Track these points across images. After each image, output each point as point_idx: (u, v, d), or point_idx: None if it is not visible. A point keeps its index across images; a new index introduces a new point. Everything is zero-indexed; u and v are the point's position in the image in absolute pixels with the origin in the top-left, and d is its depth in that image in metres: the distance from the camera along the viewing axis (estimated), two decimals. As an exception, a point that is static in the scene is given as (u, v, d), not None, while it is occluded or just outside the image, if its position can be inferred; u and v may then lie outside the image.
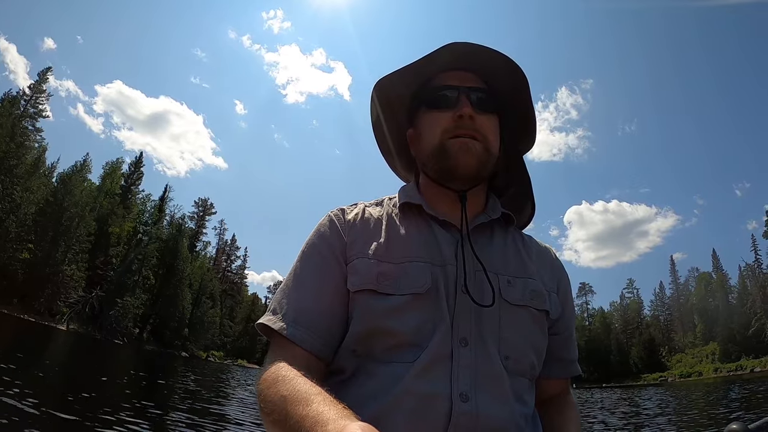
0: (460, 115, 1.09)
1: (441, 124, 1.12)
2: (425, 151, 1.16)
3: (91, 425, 6.51)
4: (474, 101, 1.12)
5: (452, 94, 1.13)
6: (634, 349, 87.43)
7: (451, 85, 1.14)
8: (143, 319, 59.73)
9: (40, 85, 53.35)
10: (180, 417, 8.88)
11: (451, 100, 1.13)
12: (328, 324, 1.04)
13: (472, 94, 1.13)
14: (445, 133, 1.11)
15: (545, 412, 1.16)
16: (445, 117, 1.12)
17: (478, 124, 1.10)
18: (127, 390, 11.99)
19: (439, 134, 1.12)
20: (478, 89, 1.15)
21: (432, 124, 1.14)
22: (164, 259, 63.85)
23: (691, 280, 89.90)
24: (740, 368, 65.41)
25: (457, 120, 1.10)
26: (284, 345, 1.02)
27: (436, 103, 1.15)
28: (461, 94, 1.12)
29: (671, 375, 76.64)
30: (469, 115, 1.09)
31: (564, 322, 1.21)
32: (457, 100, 1.12)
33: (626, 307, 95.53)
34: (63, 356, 20.05)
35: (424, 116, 1.17)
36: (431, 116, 1.15)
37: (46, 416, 6.47)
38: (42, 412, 6.57)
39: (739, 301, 75.32)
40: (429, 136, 1.15)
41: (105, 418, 7.17)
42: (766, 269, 74.86)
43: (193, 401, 12.53)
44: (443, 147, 1.11)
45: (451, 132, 1.10)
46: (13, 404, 6.68)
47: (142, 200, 67.82)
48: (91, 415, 7.16)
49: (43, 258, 45.96)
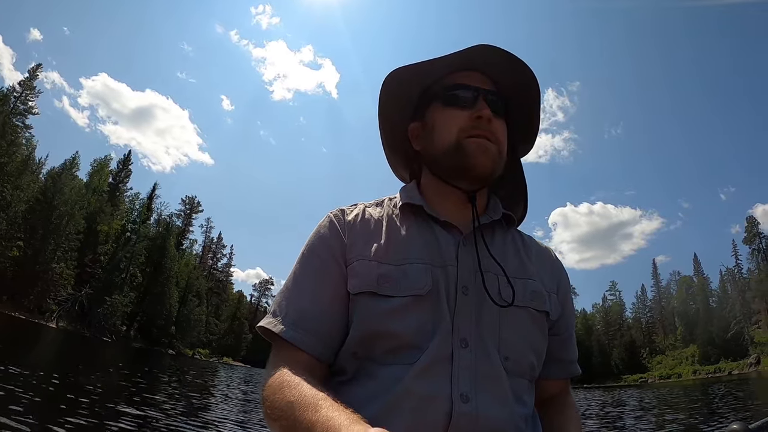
0: (479, 116, 1.10)
1: (458, 122, 1.12)
2: (438, 148, 1.16)
3: (77, 422, 6.55)
4: (491, 104, 1.13)
5: (470, 94, 1.14)
6: (615, 350, 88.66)
7: (469, 85, 1.15)
8: (131, 317, 59.87)
9: (30, 81, 53.15)
10: (173, 414, 9.11)
11: (469, 100, 1.13)
12: (328, 326, 1.05)
13: (489, 97, 1.14)
14: (462, 132, 1.11)
15: (545, 413, 1.19)
16: (462, 116, 1.12)
17: (494, 127, 1.12)
18: (113, 386, 12.11)
19: (456, 132, 1.12)
20: (494, 92, 1.16)
21: (448, 121, 1.14)
22: (152, 257, 63.99)
23: (672, 284, 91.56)
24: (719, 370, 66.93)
25: (475, 120, 1.11)
26: (285, 348, 1.03)
27: (453, 101, 1.15)
28: (480, 95, 1.13)
29: (651, 376, 78.02)
30: (488, 118, 1.10)
31: (564, 323, 1.23)
32: (475, 100, 1.13)
33: (608, 309, 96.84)
34: (51, 353, 20.07)
35: (438, 112, 1.17)
36: (447, 113, 1.15)
37: (34, 412, 6.49)
38: (28, 409, 6.60)
39: (719, 305, 76.80)
40: (444, 132, 1.14)
41: (91, 414, 7.25)
42: (746, 274, 76.31)
43: (181, 398, 12.71)
44: (460, 145, 1.11)
45: (468, 131, 1.11)
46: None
47: (130, 199, 67.97)
48: (77, 412, 7.19)
49: (32, 256, 46.03)
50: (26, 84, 52.70)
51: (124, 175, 67.34)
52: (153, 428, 7.37)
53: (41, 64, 56.21)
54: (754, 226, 75.08)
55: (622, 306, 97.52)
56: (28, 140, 51.39)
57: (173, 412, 9.58)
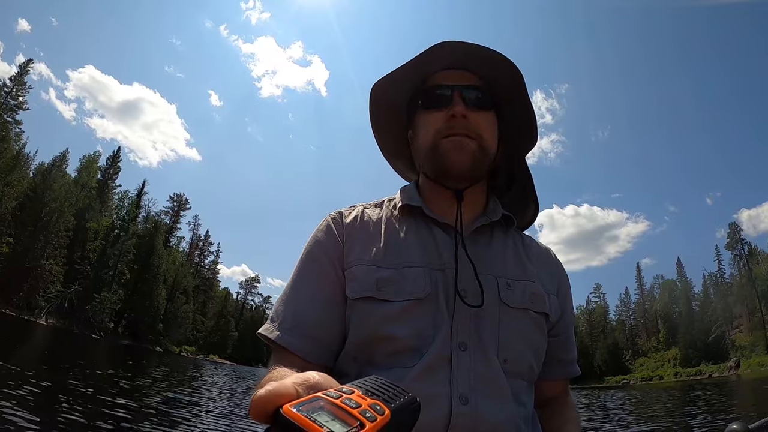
0: (452, 114, 1.09)
1: (434, 124, 1.12)
2: (421, 151, 1.17)
3: (63, 417, 6.67)
4: (467, 99, 1.12)
5: (446, 93, 1.13)
6: (598, 352, 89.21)
7: (445, 84, 1.14)
8: (118, 314, 59.89)
9: (20, 76, 52.95)
10: (157, 411, 9.36)
11: (444, 100, 1.12)
12: (325, 331, 1.05)
13: (466, 92, 1.13)
14: (438, 134, 1.11)
15: (545, 414, 1.19)
16: (438, 117, 1.12)
17: (473, 123, 1.10)
18: (100, 383, 12.04)
19: (432, 134, 1.12)
20: (473, 87, 1.15)
21: (426, 124, 1.14)
22: (140, 255, 63.97)
23: (656, 287, 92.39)
24: (699, 373, 67.83)
25: (449, 119, 1.10)
26: (282, 353, 1.03)
27: (430, 104, 1.15)
28: (454, 92, 1.12)
29: (633, 378, 78.76)
30: (462, 114, 1.09)
31: (563, 324, 1.23)
32: (450, 98, 1.12)
33: (592, 311, 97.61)
34: (39, 350, 20.05)
35: (420, 117, 1.18)
36: (426, 117, 1.15)
37: (20, 407, 6.60)
38: (13, 404, 6.71)
39: (701, 309, 77.70)
40: (424, 136, 1.15)
41: (76, 410, 7.38)
42: (728, 279, 77.27)
43: (166, 394, 12.99)
44: (436, 147, 1.11)
45: (444, 132, 1.11)
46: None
47: (119, 196, 67.76)
48: (63, 407, 7.36)
49: (22, 252, 46.04)
50: (17, 79, 52.48)
51: (113, 171, 67.10)
52: (137, 424, 7.53)
53: (32, 59, 56.16)
54: (736, 232, 76.02)
55: (606, 308, 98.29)
56: (17, 136, 51.17)
57: (157, 408, 9.81)
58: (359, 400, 0.42)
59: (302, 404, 0.41)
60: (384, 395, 0.46)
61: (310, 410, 0.40)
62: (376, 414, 0.41)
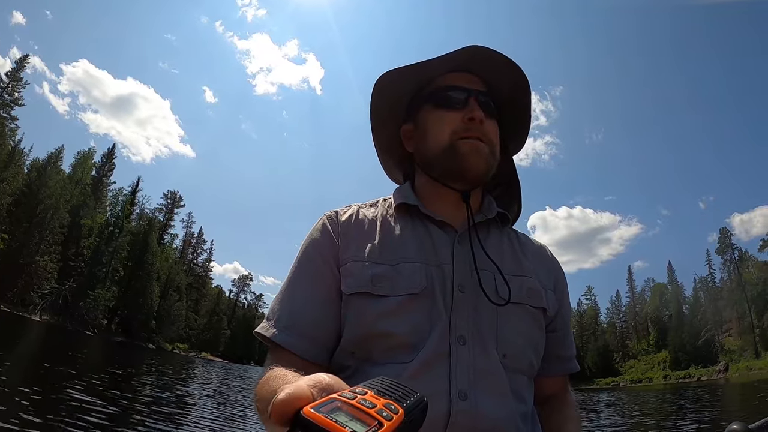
0: (471, 117, 1.10)
1: (450, 124, 1.12)
2: (431, 150, 1.16)
3: (56, 415, 6.70)
4: (482, 105, 1.13)
5: (461, 95, 1.14)
6: (589, 354, 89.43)
7: (460, 87, 1.15)
8: (112, 311, 59.79)
9: (17, 72, 52.94)
10: (148, 408, 9.41)
11: (460, 102, 1.13)
12: (320, 329, 1.05)
13: (481, 98, 1.14)
14: (455, 134, 1.11)
15: (544, 411, 1.18)
16: (454, 117, 1.12)
17: (486, 128, 1.12)
18: (92, 380, 11.94)
19: (449, 134, 1.12)
20: (486, 93, 1.17)
21: (439, 122, 1.14)
22: (134, 252, 63.85)
23: (647, 290, 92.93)
24: (688, 376, 68.22)
25: (467, 122, 1.10)
26: (278, 351, 1.03)
27: (444, 103, 1.15)
28: (471, 96, 1.13)
29: (623, 380, 79.09)
30: (480, 119, 1.10)
31: (561, 319, 1.23)
32: (466, 101, 1.13)
33: (583, 313, 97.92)
34: (33, 346, 20.14)
35: (430, 114, 1.17)
36: (438, 115, 1.15)
37: (12, 403, 6.67)
38: (5, 401, 6.77)
39: (691, 313, 78.20)
40: (437, 134, 1.14)
41: (69, 407, 7.46)
42: (719, 283, 77.71)
43: (158, 391, 13.14)
44: (453, 147, 1.11)
45: (460, 133, 1.11)
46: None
47: (114, 194, 67.67)
48: (56, 404, 7.46)
49: (17, 248, 46.02)
50: (13, 75, 52.41)
51: (108, 168, 67.10)
52: (129, 420, 7.62)
53: (28, 54, 56.17)
54: (727, 237, 76.56)
55: (597, 311, 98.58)
56: (12, 131, 51.09)
57: (149, 404, 9.91)
58: (374, 401, 0.44)
59: (321, 406, 0.42)
60: (395, 395, 0.47)
61: (329, 411, 0.41)
62: (391, 413, 0.43)
